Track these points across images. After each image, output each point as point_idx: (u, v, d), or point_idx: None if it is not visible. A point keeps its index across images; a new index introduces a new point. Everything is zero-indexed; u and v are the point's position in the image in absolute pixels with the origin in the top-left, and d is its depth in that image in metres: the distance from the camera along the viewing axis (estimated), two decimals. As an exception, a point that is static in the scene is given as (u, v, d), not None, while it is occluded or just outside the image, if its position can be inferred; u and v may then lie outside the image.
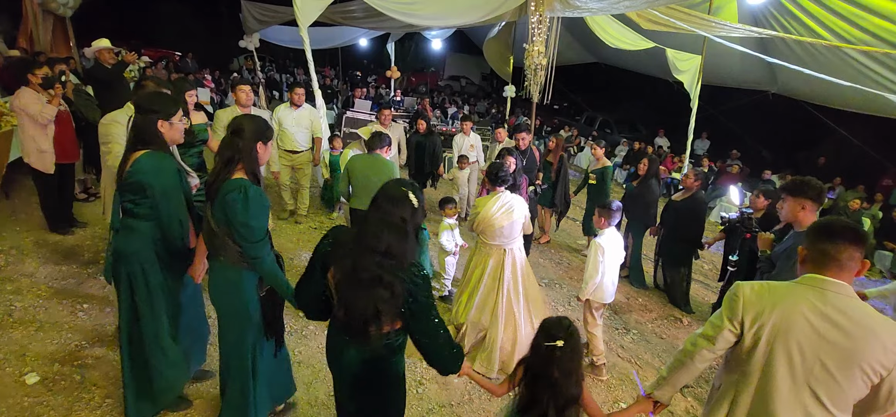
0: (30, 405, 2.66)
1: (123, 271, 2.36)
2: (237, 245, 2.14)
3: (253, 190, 2.10)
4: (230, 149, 2.12)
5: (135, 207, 2.33)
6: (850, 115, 9.63)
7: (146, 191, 2.26)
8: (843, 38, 6.25)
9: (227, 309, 2.32)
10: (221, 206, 2.09)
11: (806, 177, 2.93)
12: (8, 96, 5.30)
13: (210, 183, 2.15)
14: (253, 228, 2.10)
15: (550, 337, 1.79)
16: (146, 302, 2.40)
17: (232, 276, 2.23)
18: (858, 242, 1.64)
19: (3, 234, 4.52)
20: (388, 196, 1.75)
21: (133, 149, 2.31)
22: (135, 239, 2.34)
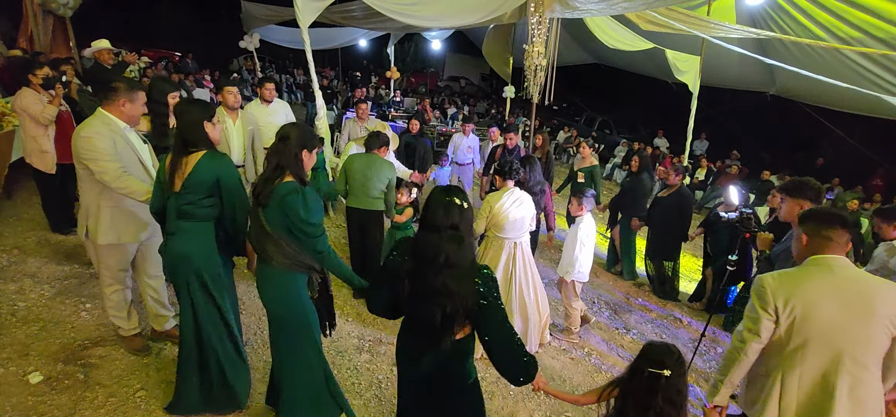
0: (34, 404, 2.67)
1: (183, 273, 2.41)
2: (290, 247, 2.21)
3: (308, 190, 2.21)
4: (277, 156, 2.20)
5: (195, 208, 2.38)
6: (848, 116, 9.66)
7: (212, 188, 2.36)
8: (840, 39, 6.28)
9: (283, 313, 2.34)
10: (279, 209, 2.16)
11: (804, 177, 2.95)
12: (9, 97, 5.31)
13: (261, 188, 2.21)
14: (314, 225, 2.20)
15: (657, 364, 1.73)
16: (209, 301, 2.47)
17: (285, 280, 2.27)
18: (848, 226, 1.97)
19: (6, 234, 4.53)
20: (434, 207, 1.77)
21: (183, 152, 2.35)
22: (195, 240, 2.41)
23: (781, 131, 13.57)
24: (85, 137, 2.63)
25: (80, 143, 2.63)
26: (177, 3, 19.40)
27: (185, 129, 2.37)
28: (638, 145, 13.04)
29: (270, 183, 2.18)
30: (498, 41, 10.29)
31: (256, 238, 2.26)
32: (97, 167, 2.63)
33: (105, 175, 2.63)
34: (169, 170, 2.38)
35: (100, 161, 2.63)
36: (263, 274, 2.32)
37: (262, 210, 2.20)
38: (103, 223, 2.80)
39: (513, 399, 3.37)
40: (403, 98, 14.71)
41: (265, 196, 2.18)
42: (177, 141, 2.39)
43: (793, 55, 7.77)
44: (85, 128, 2.65)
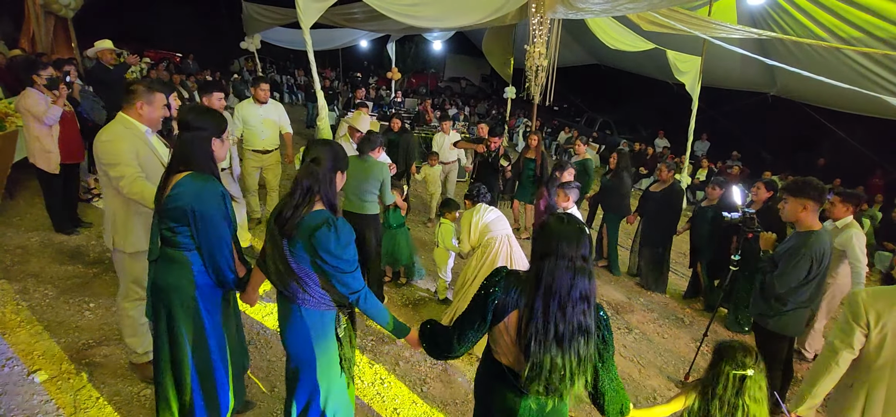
0: (38, 403, 2.68)
1: (163, 305, 2.15)
2: (319, 285, 1.97)
3: (339, 220, 1.94)
4: (309, 178, 1.93)
5: (174, 236, 2.10)
6: (849, 117, 9.67)
7: (188, 217, 2.04)
8: (842, 39, 6.29)
9: (309, 357, 2.05)
10: (307, 243, 1.89)
11: (807, 177, 2.96)
12: (12, 97, 5.33)
13: (287, 217, 1.90)
14: (348, 260, 1.93)
15: (740, 365, 1.78)
16: (189, 336, 2.18)
17: (313, 321, 2.01)
18: None
19: (9, 234, 4.54)
20: (565, 237, 1.58)
21: (174, 170, 2.09)
22: (175, 271, 2.13)
23: (782, 132, 13.56)
24: (106, 141, 2.53)
25: (100, 147, 2.53)
26: (178, 4, 19.41)
27: (185, 143, 2.10)
28: (638, 146, 13.07)
29: (299, 210, 1.90)
30: (499, 42, 10.30)
31: (277, 272, 1.98)
32: (115, 172, 2.52)
33: (121, 180, 2.51)
34: (159, 185, 2.14)
35: (118, 165, 2.52)
36: (286, 313, 2.04)
37: (288, 242, 1.92)
38: (133, 230, 2.67)
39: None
40: (404, 99, 14.73)
41: (292, 227, 1.89)
42: (173, 154, 2.16)
43: (794, 55, 7.78)
44: (105, 132, 2.57)
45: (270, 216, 2.02)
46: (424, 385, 3.36)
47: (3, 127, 4.98)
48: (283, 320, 2.07)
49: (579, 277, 1.56)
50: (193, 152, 2.10)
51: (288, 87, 17.35)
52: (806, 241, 2.83)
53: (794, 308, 2.98)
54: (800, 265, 2.82)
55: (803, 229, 2.89)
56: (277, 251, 1.95)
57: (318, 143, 2.05)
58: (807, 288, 2.92)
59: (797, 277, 2.85)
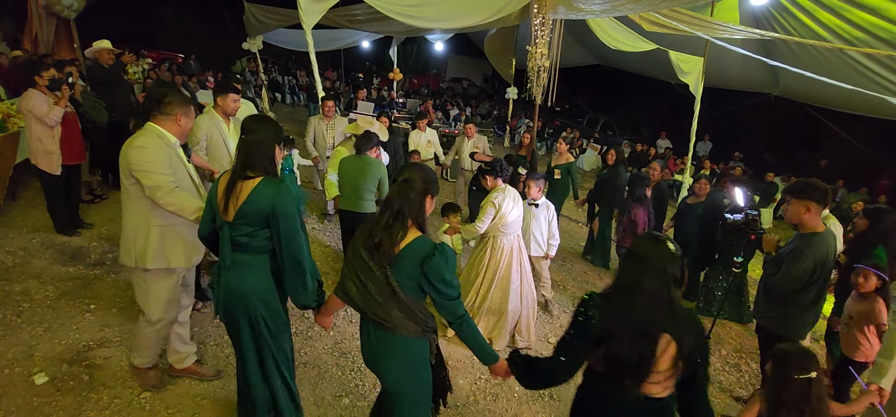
0: (39, 405, 2.68)
1: (242, 310, 2.17)
2: (423, 312, 1.99)
3: (445, 246, 1.94)
4: (400, 200, 1.91)
5: (252, 240, 2.13)
6: (851, 117, 9.64)
7: (268, 219, 2.09)
8: (844, 39, 6.26)
9: (407, 386, 2.04)
10: (415, 271, 1.88)
11: (810, 178, 2.94)
12: (15, 98, 5.33)
13: (379, 242, 1.89)
14: (455, 287, 1.94)
15: (802, 369, 1.85)
16: (267, 344, 2.24)
17: (415, 349, 2.01)
18: None
19: (11, 235, 4.54)
20: (655, 260, 1.64)
21: (241, 175, 2.10)
22: (252, 275, 2.16)
23: (785, 132, 13.53)
24: (139, 147, 2.43)
25: (133, 153, 2.42)
26: (180, 4, 19.45)
27: (250, 150, 2.11)
28: (640, 146, 13.04)
29: (393, 235, 1.88)
30: (501, 42, 10.30)
31: (374, 302, 1.94)
32: (150, 180, 2.42)
33: (157, 190, 2.43)
34: (223, 195, 2.11)
35: (153, 174, 2.43)
36: (385, 342, 1.99)
37: (390, 269, 1.89)
38: (153, 245, 2.56)
39: (517, 401, 3.36)
40: (406, 99, 14.73)
41: (388, 256, 1.88)
42: (237, 162, 2.14)
43: (796, 56, 7.75)
44: (138, 139, 2.46)
45: (356, 244, 2.01)
46: (426, 387, 3.35)
47: (6, 128, 4.98)
48: (381, 350, 2.01)
49: (668, 293, 1.61)
50: (259, 157, 2.12)
51: (289, 88, 17.35)
52: (809, 243, 2.82)
53: (798, 310, 2.96)
54: (803, 267, 2.81)
55: (807, 231, 2.87)
56: (376, 280, 1.92)
57: (411, 166, 2.07)
58: (810, 289, 2.90)
59: (800, 279, 2.83)
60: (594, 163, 12.75)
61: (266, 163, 2.14)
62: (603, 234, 6.05)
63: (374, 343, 2.02)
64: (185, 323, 2.97)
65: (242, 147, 2.12)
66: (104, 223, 5.01)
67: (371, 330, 2.02)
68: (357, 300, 1.99)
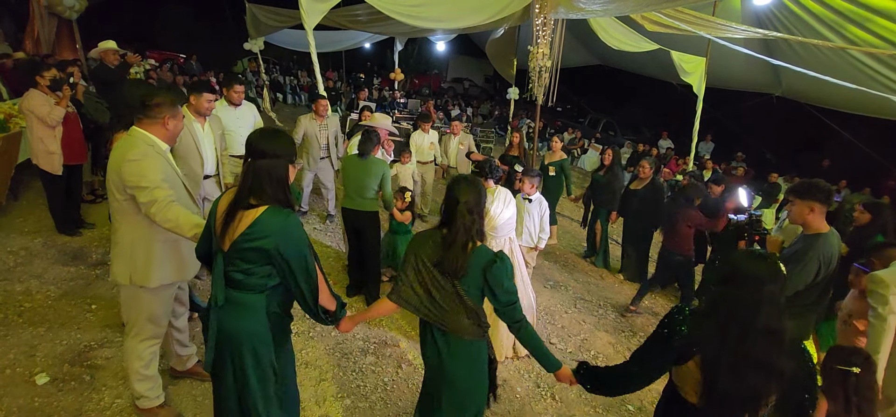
0: (40, 405, 2.68)
1: (230, 353, 1.92)
2: (484, 316, 2.06)
3: (504, 254, 2.01)
4: (461, 220, 1.96)
5: (248, 277, 1.87)
6: (854, 118, 9.61)
7: (271, 258, 1.84)
8: (847, 39, 6.24)
9: (470, 385, 2.13)
10: (480, 279, 1.97)
11: (814, 179, 2.93)
12: (16, 98, 5.34)
13: (455, 258, 1.95)
14: (515, 291, 2.02)
15: (845, 362, 1.96)
16: (257, 386, 1.97)
17: (478, 351, 2.11)
18: None
19: (12, 235, 4.54)
20: (764, 281, 1.53)
21: (244, 204, 1.84)
22: (246, 317, 1.90)
23: (787, 133, 13.50)
24: (134, 161, 2.20)
25: (128, 169, 2.20)
26: (182, 5, 19.48)
27: (258, 175, 1.84)
28: (642, 147, 13.01)
29: (465, 252, 1.95)
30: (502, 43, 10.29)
31: (446, 309, 2.01)
32: (146, 196, 2.21)
33: (152, 205, 2.21)
34: (221, 220, 1.87)
35: (150, 188, 2.21)
36: (451, 346, 2.07)
37: (459, 281, 1.98)
38: (157, 261, 2.38)
39: (520, 402, 3.35)
40: (407, 99, 14.73)
41: (458, 268, 1.95)
42: (241, 186, 1.87)
43: (799, 56, 7.73)
44: (132, 151, 2.23)
45: (419, 254, 2.05)
46: (427, 388, 3.34)
47: (7, 128, 4.99)
48: (449, 354, 2.08)
49: (766, 309, 1.52)
50: (269, 183, 1.85)
51: (291, 88, 17.36)
52: (813, 244, 2.80)
53: (801, 310, 2.94)
54: (807, 268, 2.79)
55: (811, 232, 2.86)
56: (443, 289, 2.01)
57: (463, 183, 2.05)
58: (814, 290, 2.88)
59: (804, 280, 2.82)
60: (595, 163, 12.71)
61: (276, 189, 1.86)
62: (604, 236, 6.11)
63: (440, 347, 2.09)
64: (184, 329, 2.89)
65: (250, 171, 1.85)
66: (105, 223, 4.99)
67: (436, 334, 2.10)
68: (420, 307, 2.06)
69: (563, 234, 7.20)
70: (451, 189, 2.05)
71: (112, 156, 2.30)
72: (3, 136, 4.87)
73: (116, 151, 2.29)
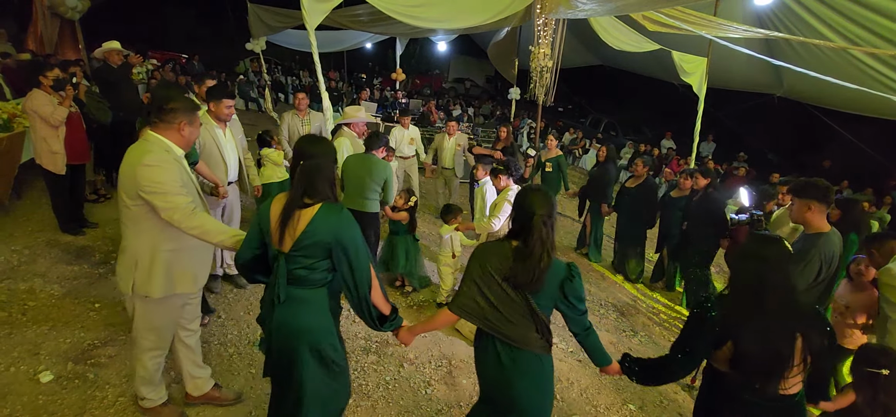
0: (44, 403, 2.69)
1: (295, 350, 2.01)
2: (549, 329, 2.03)
3: (575, 265, 2.02)
4: (538, 232, 1.94)
5: (311, 273, 1.98)
6: (856, 118, 9.59)
7: (331, 251, 1.96)
8: (848, 39, 6.24)
9: (539, 401, 2.07)
10: (556, 296, 1.97)
11: (811, 178, 2.93)
12: (20, 98, 5.36)
13: (533, 272, 1.92)
14: (585, 301, 2.04)
15: (873, 364, 2.13)
16: (319, 381, 2.08)
17: (546, 364, 2.07)
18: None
19: (16, 235, 4.56)
20: (775, 258, 1.76)
21: (298, 203, 1.95)
22: (309, 312, 2.02)
23: (789, 133, 13.49)
24: (150, 166, 2.15)
25: (144, 174, 2.14)
26: (184, 5, 19.53)
27: (310, 175, 1.96)
28: (644, 147, 13.02)
29: (540, 264, 1.92)
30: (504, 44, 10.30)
31: (514, 323, 1.98)
32: (165, 202, 2.16)
33: (174, 212, 2.17)
34: (277, 223, 1.96)
35: (169, 195, 2.16)
36: (520, 362, 2.02)
37: (522, 294, 1.95)
38: (159, 272, 2.30)
39: (520, 401, 3.36)
40: (408, 99, 14.74)
41: (537, 281, 1.92)
42: (295, 188, 1.97)
43: (800, 56, 7.72)
44: (148, 156, 2.17)
45: (486, 267, 2.00)
46: (429, 387, 3.35)
47: (11, 128, 5.01)
48: (517, 370, 2.01)
49: (774, 277, 1.72)
50: (320, 182, 1.98)
51: (293, 88, 17.39)
52: (815, 243, 2.80)
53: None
54: (809, 267, 2.80)
55: (812, 231, 2.86)
56: (513, 303, 1.96)
57: (537, 192, 2.02)
58: (815, 290, 2.89)
59: (806, 280, 2.82)
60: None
61: (327, 188, 1.99)
62: (596, 228, 6.26)
63: (505, 363, 2.01)
64: (196, 347, 2.77)
65: (302, 172, 1.97)
66: (108, 222, 5.03)
67: (499, 349, 2.02)
68: (484, 319, 2.01)
69: (564, 235, 7.21)
70: (523, 200, 2.02)
71: (126, 159, 2.23)
72: (7, 136, 4.88)
73: (131, 155, 2.22)
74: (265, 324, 2.07)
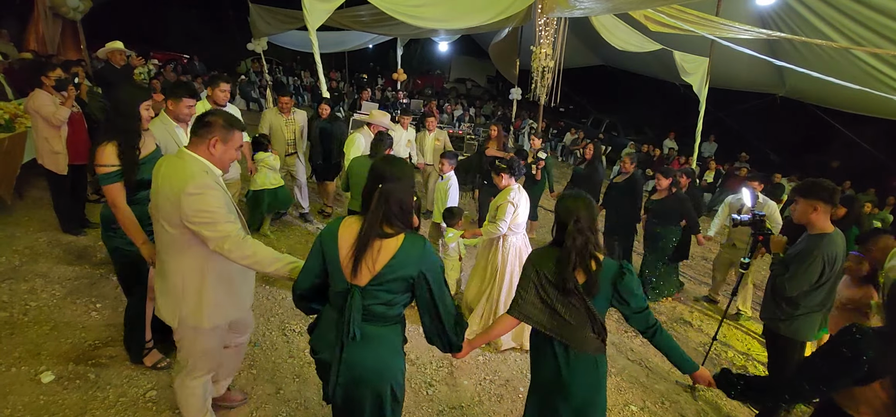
0: (45, 403, 2.69)
1: (368, 392, 1.87)
2: (603, 330, 2.04)
3: (628, 263, 2.03)
4: (583, 237, 1.97)
5: (389, 309, 1.84)
6: (859, 118, 9.57)
7: (414, 284, 1.83)
8: (850, 39, 6.22)
9: (595, 398, 2.09)
10: (609, 294, 1.99)
11: (817, 178, 2.92)
12: (22, 98, 5.37)
13: (585, 282, 1.95)
14: (643, 297, 2.04)
15: None
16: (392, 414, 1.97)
17: (601, 364, 2.08)
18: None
19: (17, 235, 4.57)
20: None
21: (377, 233, 1.77)
22: (386, 351, 1.87)
23: (791, 134, 13.46)
24: (196, 195, 1.96)
25: (189, 203, 1.95)
26: (185, 5, 19.56)
27: (390, 200, 1.78)
28: (646, 147, 13.00)
29: (599, 268, 1.96)
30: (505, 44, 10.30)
31: (573, 326, 2.00)
32: (215, 232, 1.98)
33: (225, 242, 1.99)
34: (352, 252, 1.77)
35: (218, 224, 1.99)
36: (578, 363, 2.04)
37: (581, 298, 1.97)
38: (209, 300, 2.16)
39: (522, 403, 3.35)
40: (409, 100, 14.74)
41: (595, 286, 1.95)
42: (372, 214, 1.78)
43: (803, 56, 7.70)
44: (191, 183, 1.97)
45: (541, 271, 2.04)
46: (430, 387, 3.34)
47: (13, 128, 5.01)
48: (576, 370, 2.04)
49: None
50: (400, 209, 1.81)
51: (294, 88, 17.40)
52: (818, 244, 2.79)
53: (806, 312, 2.94)
54: (812, 268, 2.78)
55: (815, 232, 2.85)
56: (571, 307, 1.99)
57: (579, 199, 2.02)
58: (819, 291, 2.87)
59: (809, 280, 2.81)
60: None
61: (405, 215, 1.83)
62: None
63: (560, 362, 2.06)
64: (241, 354, 2.73)
65: (381, 197, 1.78)
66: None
67: (556, 349, 2.06)
68: (542, 322, 2.06)
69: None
70: (559, 207, 2.06)
71: (164, 183, 2.04)
72: (9, 136, 4.89)
73: (170, 179, 2.02)
74: (328, 364, 1.89)
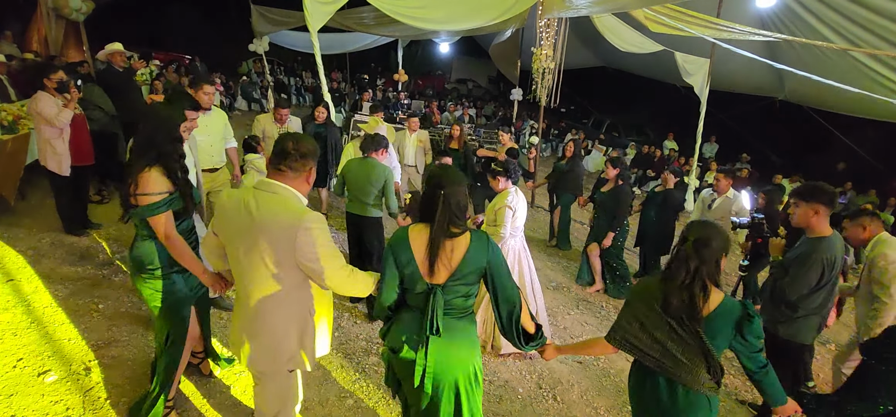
0: (49, 403, 2.71)
1: (450, 381, 1.96)
2: (719, 371, 1.93)
3: (751, 305, 1.93)
4: (696, 259, 1.85)
5: (466, 300, 2.00)
6: (858, 121, 9.57)
7: (486, 276, 1.97)
8: (850, 41, 6.23)
9: None
10: (729, 334, 1.88)
11: (818, 181, 2.93)
12: (24, 100, 5.40)
13: (687, 303, 1.87)
14: (762, 337, 1.93)
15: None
16: (468, 405, 2.03)
17: (715, 406, 1.97)
18: None
19: (21, 235, 4.59)
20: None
21: (446, 233, 1.91)
22: (465, 340, 2.00)
23: (791, 136, 13.44)
24: (312, 230, 1.86)
25: (307, 240, 1.85)
26: (187, 6, 19.60)
27: (452, 203, 1.92)
28: (647, 148, 13.00)
29: (696, 294, 1.85)
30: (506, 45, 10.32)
31: (683, 362, 1.91)
32: (326, 265, 1.91)
33: (334, 275, 1.93)
34: (426, 254, 1.90)
35: (328, 258, 1.92)
36: (687, 402, 1.94)
37: (704, 332, 1.86)
38: (312, 339, 2.12)
39: (521, 403, 3.37)
40: (410, 100, 14.76)
41: (700, 314, 1.85)
42: (441, 217, 1.90)
43: (802, 60, 7.70)
44: (306, 218, 1.86)
45: (647, 299, 1.98)
46: (430, 388, 3.36)
47: (16, 129, 5.04)
48: (681, 410, 1.95)
49: None
50: (460, 210, 1.96)
51: (296, 89, 17.44)
52: (817, 247, 2.80)
53: (805, 314, 2.94)
54: (811, 271, 2.79)
55: (814, 235, 2.86)
56: (681, 341, 1.90)
57: (711, 227, 1.93)
58: (818, 294, 2.88)
59: (808, 283, 2.82)
60: (599, 164, 12.71)
61: (464, 214, 1.99)
62: (565, 219, 6.58)
63: (665, 399, 1.98)
64: None
65: (446, 202, 1.90)
66: (112, 223, 5.05)
67: (660, 382, 1.99)
68: (648, 356, 1.98)
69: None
70: (690, 231, 1.92)
71: (267, 217, 1.87)
72: (12, 138, 4.92)
73: (279, 216, 1.87)
74: (407, 361, 1.98)
